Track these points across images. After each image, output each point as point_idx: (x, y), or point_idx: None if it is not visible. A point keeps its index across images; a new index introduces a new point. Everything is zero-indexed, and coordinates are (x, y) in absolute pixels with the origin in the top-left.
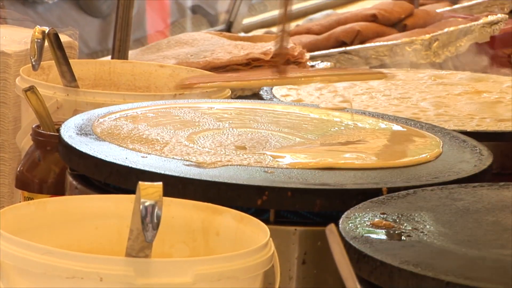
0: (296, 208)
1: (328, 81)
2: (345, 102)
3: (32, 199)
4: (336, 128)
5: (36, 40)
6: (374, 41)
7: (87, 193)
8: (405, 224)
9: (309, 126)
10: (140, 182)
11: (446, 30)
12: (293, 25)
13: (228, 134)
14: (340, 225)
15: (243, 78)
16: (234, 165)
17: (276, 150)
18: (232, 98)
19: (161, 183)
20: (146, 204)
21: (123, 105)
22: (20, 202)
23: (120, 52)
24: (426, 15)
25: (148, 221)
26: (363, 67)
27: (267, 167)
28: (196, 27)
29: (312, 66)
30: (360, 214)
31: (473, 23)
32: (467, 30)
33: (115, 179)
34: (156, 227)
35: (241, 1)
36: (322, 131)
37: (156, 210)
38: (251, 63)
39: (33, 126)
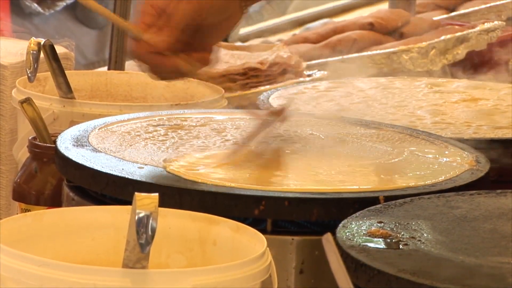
0: (293, 218)
1: None
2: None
3: (29, 210)
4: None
5: (31, 51)
6: (371, 49)
7: (83, 205)
8: (402, 233)
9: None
10: (136, 193)
11: (443, 37)
12: (290, 34)
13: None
14: (337, 234)
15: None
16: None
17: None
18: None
19: (157, 194)
20: (141, 215)
21: (119, 116)
22: (17, 214)
23: (116, 63)
24: (423, 23)
25: (143, 232)
26: (360, 75)
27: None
28: None
29: (309, 75)
30: (357, 223)
31: (470, 30)
32: (464, 37)
33: (112, 190)
34: (151, 238)
35: None
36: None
37: (151, 221)
38: (248, 73)
39: (30, 137)
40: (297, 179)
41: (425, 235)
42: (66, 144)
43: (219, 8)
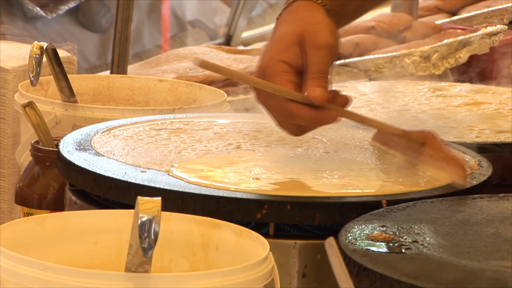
0: (295, 222)
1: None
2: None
3: (31, 214)
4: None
5: (34, 55)
6: (373, 53)
7: (86, 209)
8: (404, 237)
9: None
10: (139, 197)
11: (445, 41)
12: None
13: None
14: (339, 238)
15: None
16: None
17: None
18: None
19: (159, 198)
20: (144, 219)
21: (122, 120)
22: (19, 217)
23: (119, 67)
24: (425, 27)
25: (146, 236)
26: (362, 79)
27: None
28: (195, 41)
29: None
30: (360, 227)
31: (472, 34)
32: (466, 41)
33: (114, 194)
34: (154, 242)
35: (240, 15)
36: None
37: (153, 225)
38: None
39: (32, 141)
40: (299, 183)
41: (428, 239)
42: (68, 148)
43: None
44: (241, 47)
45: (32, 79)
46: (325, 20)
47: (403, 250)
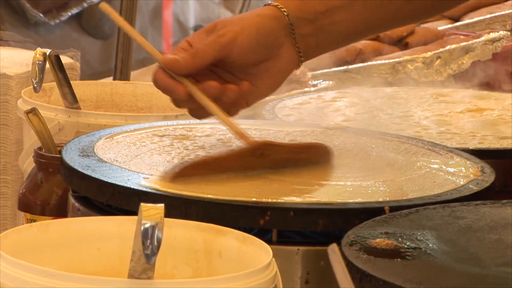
0: (299, 228)
1: None
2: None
3: (34, 221)
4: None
5: (37, 62)
6: (375, 59)
7: (89, 215)
8: (407, 243)
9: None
10: (142, 204)
11: (448, 47)
12: None
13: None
14: (342, 245)
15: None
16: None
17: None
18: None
19: (162, 204)
20: (147, 225)
21: (125, 126)
22: (22, 224)
23: (122, 73)
24: (428, 33)
25: (149, 242)
26: (365, 85)
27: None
28: None
29: (315, 85)
30: (363, 233)
31: (475, 40)
32: (469, 47)
33: (117, 201)
34: (156, 248)
35: None
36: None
37: (156, 231)
38: None
39: (35, 148)
40: (303, 190)
41: (430, 245)
42: (71, 155)
43: (254, 48)
44: None
45: (35, 85)
46: (255, 15)
47: (406, 257)
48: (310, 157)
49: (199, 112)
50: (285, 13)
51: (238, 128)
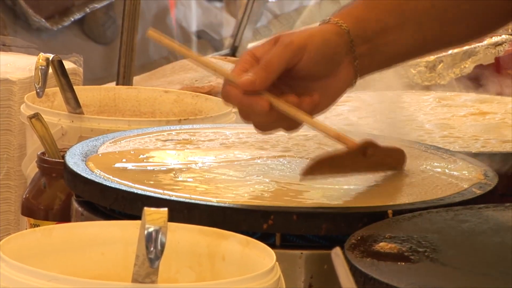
0: (302, 232)
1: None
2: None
3: (38, 226)
4: None
5: (40, 67)
6: None
7: (92, 220)
8: (411, 246)
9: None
10: (145, 208)
11: (450, 52)
12: None
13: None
14: (345, 248)
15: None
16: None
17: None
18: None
19: (166, 209)
20: (150, 230)
21: (128, 131)
22: (26, 229)
23: (124, 78)
24: None
25: (152, 247)
26: (368, 89)
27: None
28: (201, 52)
29: None
30: (366, 237)
31: (477, 44)
32: (471, 51)
33: (121, 205)
34: (160, 253)
35: (246, 26)
36: None
37: (160, 235)
38: None
39: (38, 153)
40: (307, 194)
41: (434, 248)
42: (74, 159)
43: (320, 60)
44: None
45: (38, 90)
46: (319, 29)
47: (409, 260)
48: (392, 162)
49: (276, 124)
50: (345, 30)
51: (335, 131)
